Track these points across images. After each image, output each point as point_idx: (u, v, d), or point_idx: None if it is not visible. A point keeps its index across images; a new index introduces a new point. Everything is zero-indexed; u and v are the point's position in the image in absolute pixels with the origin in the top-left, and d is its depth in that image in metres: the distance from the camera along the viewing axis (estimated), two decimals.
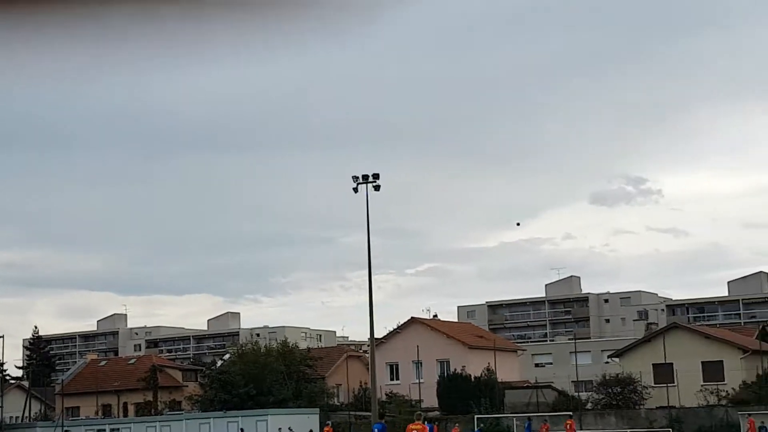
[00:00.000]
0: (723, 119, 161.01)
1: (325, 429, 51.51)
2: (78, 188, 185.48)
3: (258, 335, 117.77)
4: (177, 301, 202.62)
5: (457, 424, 54.31)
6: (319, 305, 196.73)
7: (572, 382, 78.37)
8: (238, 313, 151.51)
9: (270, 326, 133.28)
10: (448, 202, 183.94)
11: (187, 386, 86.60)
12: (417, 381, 76.41)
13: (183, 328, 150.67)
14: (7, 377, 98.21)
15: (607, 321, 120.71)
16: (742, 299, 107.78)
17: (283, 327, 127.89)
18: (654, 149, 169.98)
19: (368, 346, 79.56)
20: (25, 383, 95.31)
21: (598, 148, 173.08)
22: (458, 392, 71.04)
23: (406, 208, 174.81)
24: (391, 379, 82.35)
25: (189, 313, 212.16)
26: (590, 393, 72.96)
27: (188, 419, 67.43)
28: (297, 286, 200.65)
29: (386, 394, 76.36)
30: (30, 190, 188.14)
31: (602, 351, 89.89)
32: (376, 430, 28.43)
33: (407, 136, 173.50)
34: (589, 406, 70.25)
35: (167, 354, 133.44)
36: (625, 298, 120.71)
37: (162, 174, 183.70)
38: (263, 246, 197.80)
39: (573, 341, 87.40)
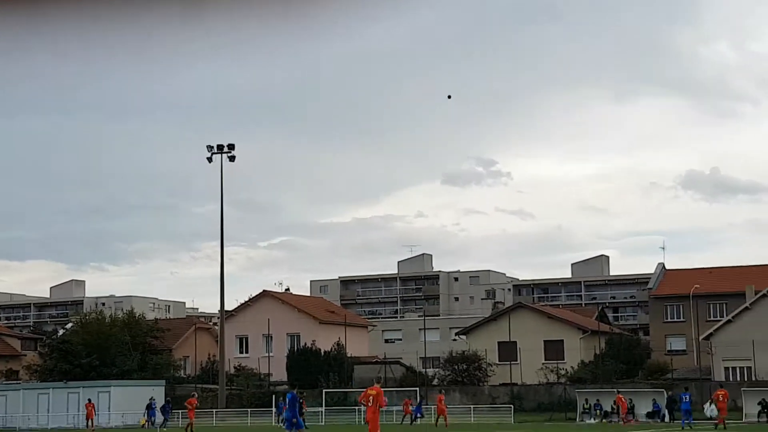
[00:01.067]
0: (567, 106, 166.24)
1: (190, 401, 50.33)
2: None
3: (104, 305, 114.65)
4: (19, 267, 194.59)
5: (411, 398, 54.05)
6: (168, 276, 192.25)
7: (420, 358, 79.64)
8: (83, 281, 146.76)
9: (116, 296, 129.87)
10: (303, 176, 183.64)
11: (25, 355, 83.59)
12: (267, 354, 76.08)
13: (24, 295, 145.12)
14: None
15: (456, 299, 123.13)
16: (584, 281, 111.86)
17: (130, 297, 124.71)
18: (504, 133, 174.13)
19: (218, 318, 78.64)
20: None
21: (453, 130, 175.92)
22: (308, 366, 71.14)
23: (261, 180, 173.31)
24: (241, 353, 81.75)
25: (31, 279, 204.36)
26: (437, 369, 74.36)
27: (26, 389, 65.00)
28: (145, 256, 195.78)
29: (235, 367, 75.75)
30: None
31: (450, 328, 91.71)
32: (287, 399, 28.15)
33: (264, 109, 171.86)
34: (435, 382, 71.60)
35: (6, 322, 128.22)
36: (474, 277, 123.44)
37: (6, 137, 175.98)
38: (111, 213, 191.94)
39: (422, 318, 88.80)
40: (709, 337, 67.92)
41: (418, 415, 50.38)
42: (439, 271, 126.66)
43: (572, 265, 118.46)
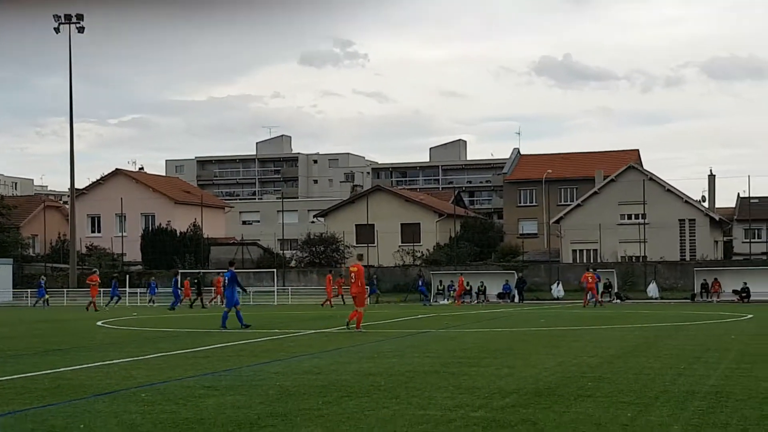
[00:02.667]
0: None
1: (92, 277, 48.13)
2: None
3: None
4: None
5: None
6: (11, 152, 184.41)
7: (278, 240, 79.56)
8: None
9: None
10: (156, 52, 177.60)
11: None
12: (120, 234, 74.49)
13: None
14: None
15: (315, 182, 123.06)
16: (442, 165, 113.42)
17: None
18: (360, 14, 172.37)
19: (69, 197, 76.17)
20: None
21: (309, 9, 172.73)
22: (163, 247, 70.13)
23: (111, 55, 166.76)
24: (92, 232, 79.81)
25: None
26: (295, 251, 74.58)
27: None
28: None
29: (86, 247, 74.01)
30: None
31: (309, 211, 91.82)
32: (226, 277, 27.51)
33: None
34: (293, 263, 71.89)
35: None
36: (333, 159, 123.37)
37: None
38: None
39: (281, 200, 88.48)
40: (559, 221, 70.33)
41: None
42: (299, 153, 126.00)
43: (430, 149, 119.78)
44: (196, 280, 52.23)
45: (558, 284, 54.25)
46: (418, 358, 16.27)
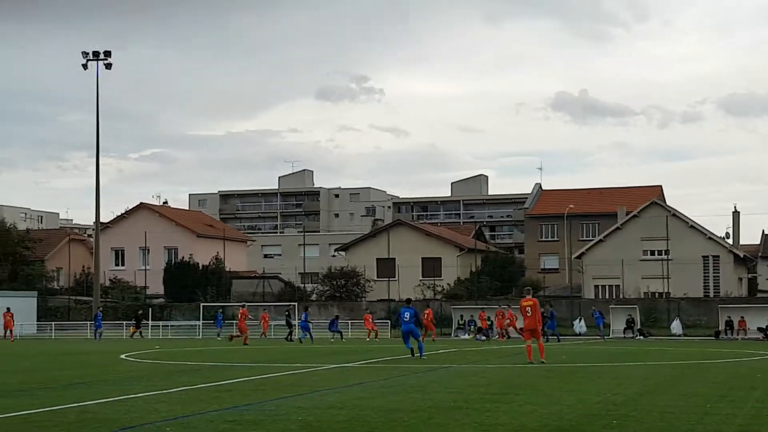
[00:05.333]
0: (439, 25, 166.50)
1: (243, 311, 48.21)
2: None
3: None
4: None
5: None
6: (32, 185, 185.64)
7: (299, 273, 79.68)
8: None
9: None
10: (177, 88, 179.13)
11: None
12: (143, 267, 74.83)
13: None
14: None
15: (337, 215, 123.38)
16: (463, 200, 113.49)
17: (1, 206, 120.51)
18: (375, 50, 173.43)
19: (93, 230, 76.69)
20: None
21: (325, 45, 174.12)
22: (185, 280, 70.37)
23: (133, 90, 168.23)
24: (116, 265, 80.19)
25: None
26: (316, 285, 74.62)
27: None
28: (9, 164, 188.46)
29: (110, 280, 74.35)
30: None
31: (330, 244, 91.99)
32: (406, 314, 27.92)
33: (140, 17, 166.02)
34: (314, 297, 71.92)
35: None
36: (355, 194, 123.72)
37: None
38: None
39: (302, 234, 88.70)
40: (581, 256, 70.05)
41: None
42: (320, 188, 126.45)
43: (452, 183, 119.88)
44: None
45: (580, 320, 53.96)
46: (441, 394, 16.25)
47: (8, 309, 52.99)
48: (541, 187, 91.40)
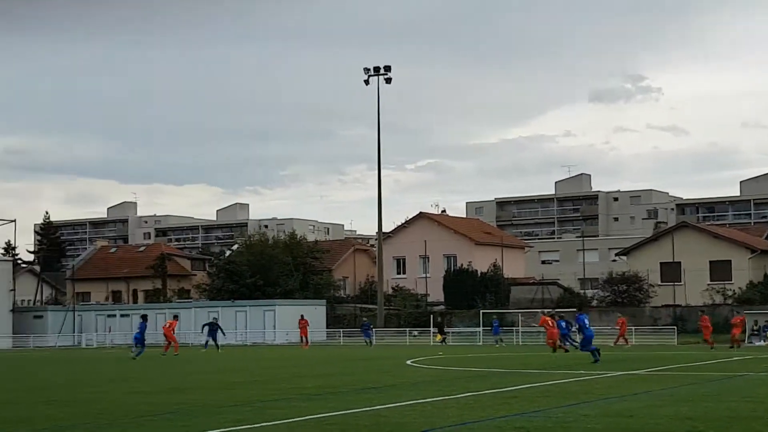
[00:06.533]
0: (724, 17, 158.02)
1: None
2: (83, 76, 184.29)
3: (266, 227, 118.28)
4: (177, 191, 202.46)
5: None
6: (317, 199, 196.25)
7: (578, 279, 78.47)
8: (247, 205, 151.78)
9: (278, 218, 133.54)
10: (450, 98, 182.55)
11: (195, 275, 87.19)
12: (423, 275, 76.66)
13: (192, 218, 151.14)
14: (19, 261, 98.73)
15: (616, 219, 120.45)
16: (754, 199, 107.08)
17: (292, 219, 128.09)
18: (653, 48, 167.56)
19: (375, 240, 79.64)
20: (37, 268, 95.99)
21: (598, 47, 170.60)
22: (464, 287, 71.32)
23: (407, 103, 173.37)
24: (398, 273, 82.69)
25: (192, 203, 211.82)
26: (596, 290, 73.16)
27: (197, 307, 67.86)
28: (296, 179, 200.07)
29: (392, 288, 76.78)
30: (39, 75, 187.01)
31: (609, 249, 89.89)
32: (583, 320, 29.59)
33: (411, 32, 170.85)
34: (594, 303, 70.54)
35: (176, 243, 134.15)
36: (635, 196, 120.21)
37: (162, 63, 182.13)
38: (263, 137, 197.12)
39: (581, 239, 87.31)
40: None
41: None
42: (598, 191, 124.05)
43: (740, 182, 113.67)
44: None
45: None
46: (738, 403, 15.41)
47: (303, 316, 55.99)
48: None
